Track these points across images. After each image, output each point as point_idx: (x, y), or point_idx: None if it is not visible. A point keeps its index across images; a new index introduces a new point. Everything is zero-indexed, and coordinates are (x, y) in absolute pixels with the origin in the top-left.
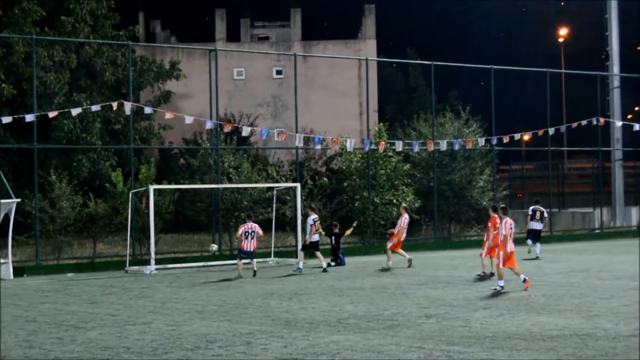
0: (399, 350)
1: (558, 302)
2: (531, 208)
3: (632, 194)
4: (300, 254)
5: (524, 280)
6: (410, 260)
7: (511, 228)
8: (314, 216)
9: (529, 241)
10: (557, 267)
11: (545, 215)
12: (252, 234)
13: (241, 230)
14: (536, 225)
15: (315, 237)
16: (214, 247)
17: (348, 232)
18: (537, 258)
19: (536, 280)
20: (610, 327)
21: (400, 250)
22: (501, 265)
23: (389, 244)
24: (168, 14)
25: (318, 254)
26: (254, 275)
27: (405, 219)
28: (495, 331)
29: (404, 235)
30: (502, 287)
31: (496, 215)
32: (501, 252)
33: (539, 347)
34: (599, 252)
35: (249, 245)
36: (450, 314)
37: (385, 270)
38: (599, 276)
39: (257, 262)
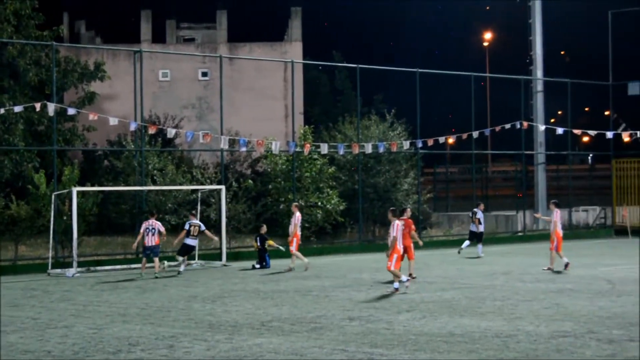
0: (322, 352)
1: (480, 305)
2: (472, 211)
3: (555, 197)
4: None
5: (396, 289)
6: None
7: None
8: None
9: (466, 242)
10: (480, 270)
11: (479, 216)
12: (153, 230)
13: (143, 227)
14: (474, 228)
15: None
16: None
17: (271, 242)
18: (478, 257)
19: (459, 283)
20: (532, 329)
21: (299, 254)
22: (392, 268)
23: (292, 247)
24: (93, 15)
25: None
26: (157, 277)
27: (298, 217)
28: (418, 333)
29: (299, 232)
30: (396, 288)
31: (406, 218)
32: (395, 255)
33: (461, 349)
34: (522, 255)
35: (150, 240)
36: (374, 316)
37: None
38: (521, 279)
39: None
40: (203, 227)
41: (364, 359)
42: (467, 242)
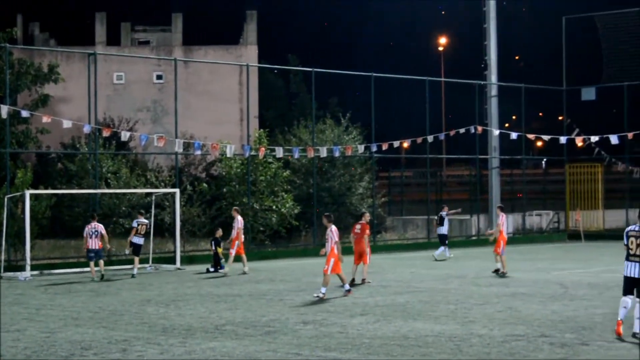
0: (275, 356)
1: (434, 308)
2: (439, 215)
3: (508, 202)
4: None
5: (348, 290)
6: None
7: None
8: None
9: (440, 248)
10: (434, 273)
11: (443, 215)
12: (96, 233)
13: (86, 230)
14: (441, 230)
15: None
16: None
17: (219, 250)
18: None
19: (413, 287)
20: (485, 332)
21: (235, 256)
22: (329, 272)
23: (232, 250)
24: (47, 17)
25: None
26: (102, 278)
27: (240, 221)
28: (372, 337)
29: (242, 237)
30: (324, 294)
31: (364, 222)
32: (332, 259)
33: (414, 353)
34: (476, 259)
35: (94, 244)
36: (328, 320)
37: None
38: (475, 282)
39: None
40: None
41: None
42: (441, 248)
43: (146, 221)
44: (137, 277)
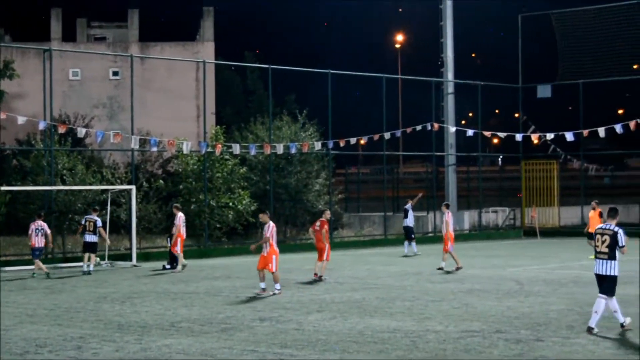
0: (232, 353)
1: (390, 305)
2: (404, 208)
3: (465, 199)
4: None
5: (263, 289)
6: (184, 266)
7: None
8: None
9: (406, 243)
10: (391, 270)
11: (409, 208)
12: (42, 230)
13: (31, 228)
14: (405, 222)
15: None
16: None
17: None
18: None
19: (370, 284)
20: (441, 329)
21: (181, 255)
22: (275, 269)
23: (176, 248)
24: (2, 12)
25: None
26: (47, 276)
27: (179, 217)
28: (328, 334)
29: (184, 233)
30: (279, 289)
31: (324, 220)
32: (273, 256)
33: (370, 350)
34: (432, 256)
35: (39, 241)
36: (284, 317)
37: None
38: (431, 279)
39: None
40: (99, 224)
41: (274, 359)
42: (407, 244)
43: (94, 218)
44: (92, 274)
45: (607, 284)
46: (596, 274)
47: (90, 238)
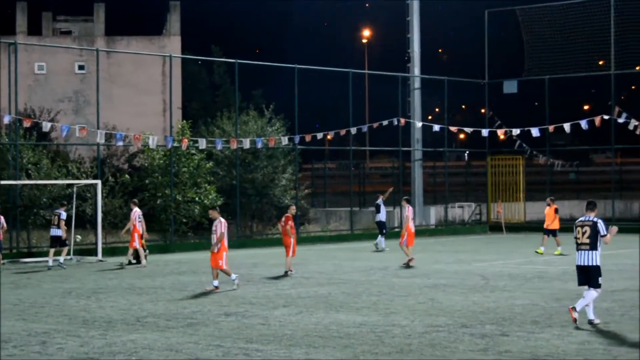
0: (197, 348)
1: (356, 300)
2: (375, 203)
3: (431, 194)
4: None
5: (216, 287)
6: (129, 262)
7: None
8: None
9: (379, 238)
10: (357, 265)
11: (380, 203)
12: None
13: None
14: (378, 217)
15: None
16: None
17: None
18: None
19: (336, 278)
20: (406, 323)
21: (131, 249)
22: (225, 266)
23: (134, 243)
24: None
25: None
26: None
27: (134, 212)
28: (294, 329)
29: (141, 228)
30: (217, 286)
31: (290, 215)
32: (224, 253)
33: (335, 344)
34: (398, 251)
35: None
36: (250, 312)
37: (128, 265)
38: (397, 274)
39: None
40: (63, 216)
41: (239, 354)
42: (379, 238)
43: (59, 212)
44: (56, 269)
45: (591, 275)
46: (578, 266)
47: (54, 232)
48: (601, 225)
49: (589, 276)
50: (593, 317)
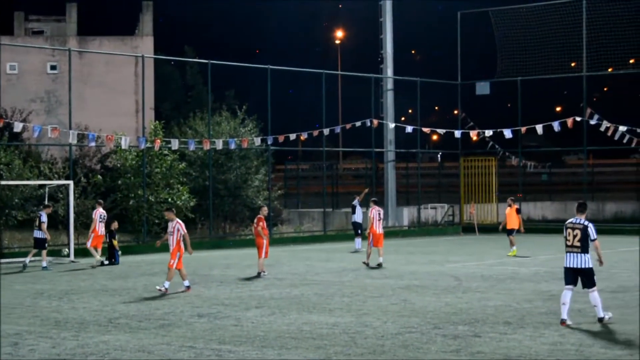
0: (169, 349)
1: (329, 301)
2: (352, 204)
3: (404, 195)
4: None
5: (187, 287)
6: (101, 262)
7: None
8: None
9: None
10: (329, 266)
11: (356, 204)
12: None
13: None
14: (354, 218)
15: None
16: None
17: (115, 242)
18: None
19: (308, 279)
20: (379, 325)
21: (93, 250)
22: (174, 267)
23: (89, 242)
24: None
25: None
26: None
27: (97, 212)
28: (267, 330)
29: (102, 229)
30: (166, 288)
31: (261, 216)
32: (178, 253)
33: (308, 346)
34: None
35: None
36: (223, 313)
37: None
38: (370, 275)
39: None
40: (43, 218)
41: (211, 355)
42: (356, 239)
43: (40, 213)
44: (29, 270)
45: (585, 278)
46: (568, 268)
47: (36, 234)
48: (591, 229)
49: (583, 278)
50: (603, 315)
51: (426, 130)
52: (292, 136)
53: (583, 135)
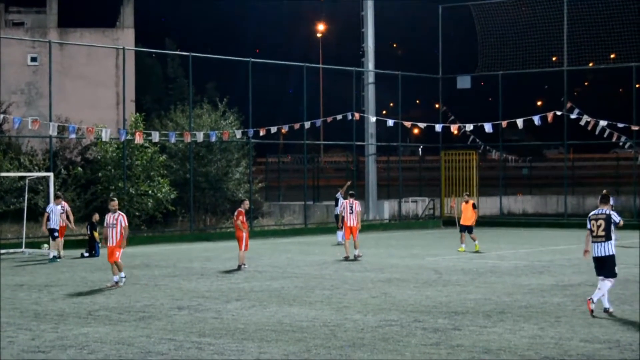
0: (149, 342)
1: (309, 294)
2: (335, 197)
3: (385, 188)
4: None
5: (116, 282)
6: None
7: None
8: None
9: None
10: (310, 259)
11: (339, 197)
12: None
13: None
14: (337, 211)
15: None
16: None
17: (96, 234)
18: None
19: (289, 272)
20: (359, 318)
21: (59, 242)
22: (119, 259)
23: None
24: None
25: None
26: None
27: (63, 206)
28: (247, 322)
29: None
30: (117, 282)
31: (242, 210)
32: (122, 242)
33: (288, 338)
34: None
35: None
36: (203, 305)
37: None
38: (350, 268)
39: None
40: (47, 210)
41: (191, 348)
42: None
43: (51, 206)
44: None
45: (608, 265)
46: (596, 257)
47: (48, 225)
48: (614, 215)
49: (604, 266)
50: (608, 306)
51: (407, 124)
52: (274, 129)
53: (564, 130)
